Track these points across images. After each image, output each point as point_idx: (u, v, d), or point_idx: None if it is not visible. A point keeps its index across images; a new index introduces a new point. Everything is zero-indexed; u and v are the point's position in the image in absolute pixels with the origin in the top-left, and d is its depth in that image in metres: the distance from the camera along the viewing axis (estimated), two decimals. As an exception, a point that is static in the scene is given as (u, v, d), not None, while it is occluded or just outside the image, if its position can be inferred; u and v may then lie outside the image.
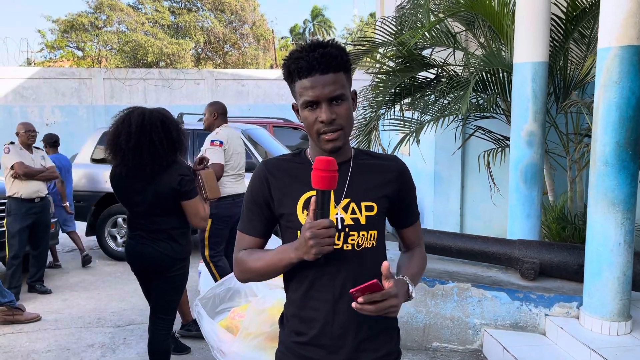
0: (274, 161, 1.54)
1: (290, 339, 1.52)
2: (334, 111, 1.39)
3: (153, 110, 2.96)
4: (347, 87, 1.44)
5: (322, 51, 1.38)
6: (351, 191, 1.47)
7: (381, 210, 1.49)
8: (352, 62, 1.51)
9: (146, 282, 3.12)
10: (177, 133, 2.94)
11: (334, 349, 1.47)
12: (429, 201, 6.68)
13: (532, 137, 4.39)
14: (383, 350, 1.52)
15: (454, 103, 4.95)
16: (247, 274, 1.52)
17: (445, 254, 4.37)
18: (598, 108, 3.46)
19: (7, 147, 5.09)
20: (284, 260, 1.40)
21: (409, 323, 3.97)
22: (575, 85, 4.96)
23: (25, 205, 5.10)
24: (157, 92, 14.33)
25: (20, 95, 13.80)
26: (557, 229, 4.86)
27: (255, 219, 1.52)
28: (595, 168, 3.47)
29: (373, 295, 1.27)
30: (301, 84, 1.40)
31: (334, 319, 1.46)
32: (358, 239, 1.45)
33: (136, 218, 2.98)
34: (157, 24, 21.40)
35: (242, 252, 1.52)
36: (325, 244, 1.30)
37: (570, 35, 4.81)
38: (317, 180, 1.29)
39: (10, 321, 4.53)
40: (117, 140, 2.87)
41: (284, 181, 1.49)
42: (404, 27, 5.51)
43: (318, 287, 1.46)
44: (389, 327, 1.55)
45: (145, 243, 2.94)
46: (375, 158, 1.56)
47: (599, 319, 3.47)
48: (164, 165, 2.87)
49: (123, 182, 2.95)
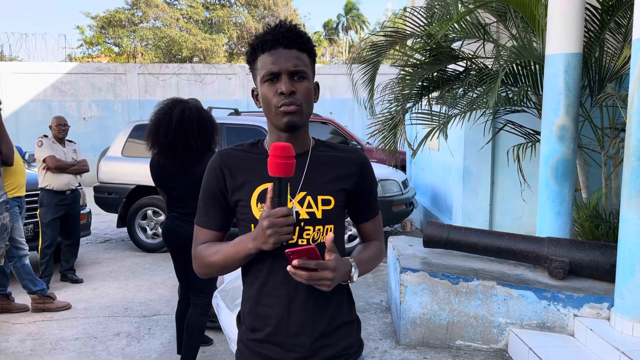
0: (229, 151, 1.49)
1: (246, 336, 1.48)
2: (294, 85, 1.36)
3: (193, 108, 3.22)
4: (310, 70, 1.41)
5: (289, 27, 1.38)
6: (308, 184, 1.42)
7: (338, 204, 1.44)
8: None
9: (179, 259, 3.40)
10: (211, 131, 3.26)
11: (291, 347, 1.42)
12: (458, 197, 6.56)
13: (563, 132, 4.23)
14: (342, 344, 1.47)
15: (482, 96, 4.82)
16: (207, 269, 1.46)
17: (471, 251, 4.27)
18: (633, 101, 3.31)
19: (40, 141, 5.23)
20: (242, 251, 1.35)
21: (431, 320, 3.90)
22: (610, 77, 4.77)
23: (57, 197, 5.24)
24: (190, 86, 14.50)
25: (58, 90, 14.19)
26: (590, 227, 4.69)
27: (211, 212, 1.48)
28: (629, 163, 3.32)
29: (307, 262, 1.24)
30: (263, 57, 1.37)
31: (290, 316, 1.41)
32: (314, 234, 1.41)
33: (172, 201, 3.31)
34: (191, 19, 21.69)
35: (200, 246, 1.48)
36: (283, 233, 1.25)
37: (606, 26, 4.61)
38: (273, 167, 1.24)
39: (42, 309, 4.67)
40: (157, 132, 3.19)
41: (239, 172, 1.44)
42: (433, 19, 5.40)
43: (272, 284, 1.42)
44: (347, 321, 1.50)
45: (179, 224, 3.26)
46: (336, 150, 1.50)
47: (631, 320, 3.33)
48: (195, 160, 3.17)
49: (161, 170, 3.28)
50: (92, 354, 3.88)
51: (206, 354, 3.84)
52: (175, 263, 3.46)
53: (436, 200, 8.10)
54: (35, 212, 5.35)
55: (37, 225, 5.33)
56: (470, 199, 6.32)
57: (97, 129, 14.21)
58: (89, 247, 7.25)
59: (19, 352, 3.91)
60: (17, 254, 4.54)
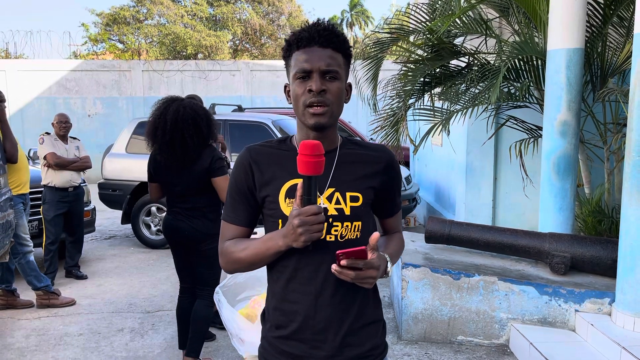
0: (257, 147, 1.49)
1: (271, 333, 1.48)
2: (325, 84, 1.36)
3: (187, 106, 3.25)
4: (344, 71, 1.41)
5: (326, 26, 1.38)
6: (336, 181, 1.42)
7: (366, 201, 1.44)
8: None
9: (180, 254, 3.45)
10: (207, 129, 3.27)
11: (316, 344, 1.42)
12: (461, 193, 6.55)
13: (565, 127, 4.22)
14: (368, 345, 1.47)
15: (485, 92, 4.81)
16: (234, 265, 1.46)
17: (473, 246, 4.27)
18: (634, 96, 3.30)
19: (42, 138, 5.26)
20: (272, 248, 1.36)
21: (433, 316, 3.91)
22: (613, 72, 4.75)
23: (59, 194, 5.27)
24: (194, 83, 14.52)
25: (63, 87, 14.24)
26: (592, 223, 4.68)
27: (239, 207, 1.48)
28: (630, 159, 3.31)
29: (357, 262, 1.25)
30: (297, 55, 1.38)
31: (316, 312, 1.41)
32: (341, 230, 1.41)
33: (173, 197, 3.37)
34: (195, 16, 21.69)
35: (227, 242, 1.48)
36: (314, 231, 1.27)
37: (608, 20, 4.59)
38: (302, 165, 1.25)
39: (46, 305, 4.71)
40: (154, 133, 3.26)
41: (268, 168, 1.44)
42: (435, 14, 5.39)
43: (299, 279, 1.42)
44: (374, 320, 1.50)
45: (181, 219, 3.31)
46: (364, 148, 1.51)
47: (632, 316, 3.33)
48: (194, 157, 3.23)
49: (161, 168, 3.33)
50: (96, 349, 3.92)
51: (209, 349, 3.87)
52: (176, 258, 3.49)
53: (439, 196, 8.09)
54: (39, 209, 5.39)
55: (42, 222, 5.37)
56: (473, 194, 6.32)
57: (102, 126, 14.26)
58: (94, 243, 7.29)
59: (24, 347, 3.95)
60: (22, 250, 4.58)
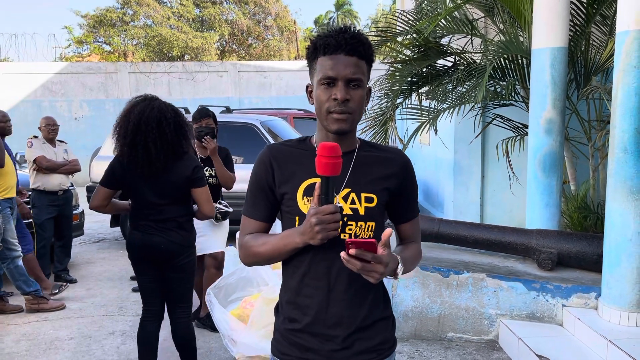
0: (278, 146, 1.55)
1: (284, 326, 1.54)
2: (349, 93, 1.40)
3: (155, 107, 2.87)
4: (366, 77, 1.45)
5: (353, 34, 1.42)
6: (352, 181, 1.47)
7: (381, 203, 1.49)
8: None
9: (150, 275, 3.01)
10: (173, 135, 2.86)
11: (328, 338, 1.47)
12: (449, 191, 6.61)
13: (551, 125, 4.29)
14: (377, 339, 1.52)
15: (471, 91, 4.87)
16: (253, 258, 1.53)
17: (462, 244, 4.32)
18: (617, 93, 3.36)
19: (30, 141, 5.23)
20: (290, 244, 1.42)
21: (423, 313, 3.95)
22: (596, 70, 4.83)
23: (48, 198, 5.24)
24: (181, 85, 14.47)
25: (49, 90, 14.12)
26: (578, 219, 4.75)
27: (259, 203, 1.54)
28: (614, 155, 3.38)
29: (364, 254, 1.28)
30: (323, 60, 1.41)
31: (328, 306, 1.47)
32: (355, 229, 1.46)
33: (141, 208, 2.92)
34: (182, 17, 21.59)
35: (247, 236, 1.54)
36: (330, 229, 1.32)
37: (592, 19, 4.67)
38: (321, 166, 1.31)
39: (36, 309, 4.68)
40: (118, 132, 2.89)
41: (287, 166, 1.50)
42: (422, 15, 5.44)
43: (313, 274, 1.47)
44: (384, 316, 1.55)
45: (154, 233, 2.90)
46: (380, 150, 1.56)
47: (617, 309, 3.39)
48: (159, 167, 2.83)
49: (126, 172, 2.88)
50: (87, 353, 3.90)
51: (201, 350, 3.87)
52: (145, 280, 3.04)
53: (428, 194, 8.15)
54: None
55: (31, 225, 5.33)
56: (461, 192, 6.38)
57: (89, 128, 14.14)
58: (83, 247, 7.25)
59: (15, 352, 3.92)
60: (10, 255, 4.54)
